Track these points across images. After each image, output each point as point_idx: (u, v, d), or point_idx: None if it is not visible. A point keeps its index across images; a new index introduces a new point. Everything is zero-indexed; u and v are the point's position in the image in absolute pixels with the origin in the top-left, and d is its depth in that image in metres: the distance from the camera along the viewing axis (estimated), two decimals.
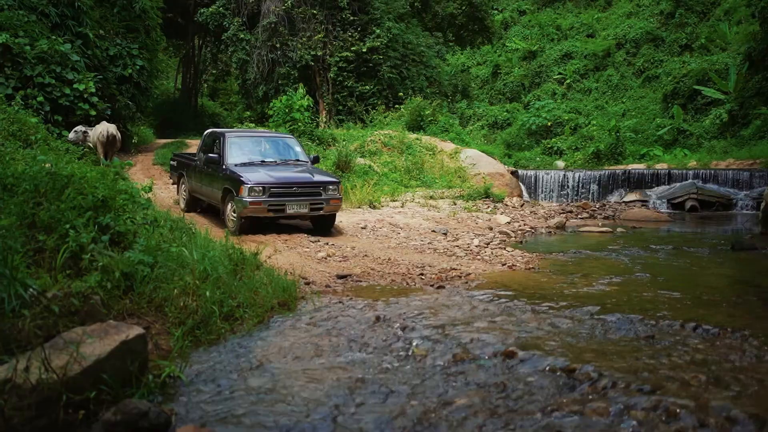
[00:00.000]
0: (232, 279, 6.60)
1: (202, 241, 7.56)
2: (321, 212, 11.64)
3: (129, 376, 4.26)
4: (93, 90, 18.13)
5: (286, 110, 19.27)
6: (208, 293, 5.92)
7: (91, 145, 14.95)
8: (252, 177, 11.24)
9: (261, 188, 11.03)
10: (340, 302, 6.83)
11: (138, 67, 21.50)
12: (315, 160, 13.17)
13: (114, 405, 3.93)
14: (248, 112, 30.38)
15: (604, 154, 23.37)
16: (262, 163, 12.32)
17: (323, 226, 12.14)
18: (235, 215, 11.33)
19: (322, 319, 6.18)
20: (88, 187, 6.44)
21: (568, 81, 31.89)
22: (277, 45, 28.33)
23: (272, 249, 9.33)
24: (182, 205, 14.16)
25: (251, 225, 11.33)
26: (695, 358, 4.89)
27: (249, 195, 10.96)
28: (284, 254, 9.42)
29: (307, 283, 7.71)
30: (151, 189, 8.73)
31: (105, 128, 15.24)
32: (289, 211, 11.33)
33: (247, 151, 12.62)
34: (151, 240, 6.52)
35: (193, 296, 5.86)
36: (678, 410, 3.85)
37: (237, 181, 11.21)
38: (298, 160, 12.94)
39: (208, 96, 47.38)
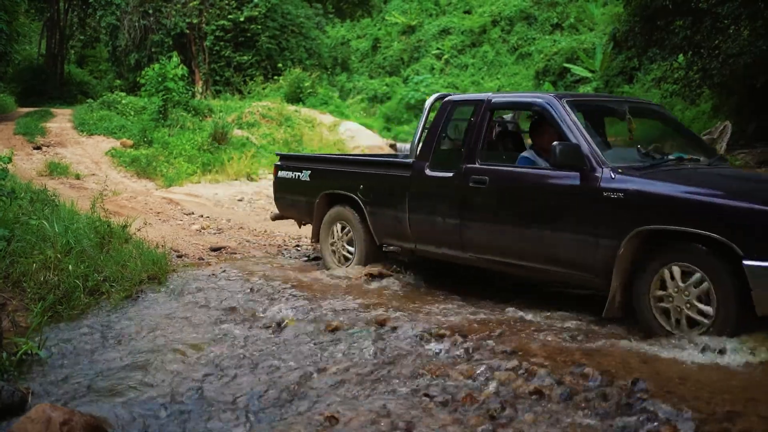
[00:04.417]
0: (98, 252, 6.33)
1: (66, 213, 7.20)
2: None
3: None
4: None
5: (159, 79, 18.50)
6: (71, 267, 5.67)
7: None
8: None
9: None
10: (213, 275, 6.70)
11: None
12: None
13: None
14: (119, 81, 29.02)
15: None
16: (683, 164, 5.27)
17: None
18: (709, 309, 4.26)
19: (193, 291, 6.05)
20: None
21: (445, 56, 32.41)
22: (150, 11, 27.13)
23: (143, 221, 9.02)
24: (338, 270, 6.78)
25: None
26: (556, 322, 5.14)
27: None
28: (156, 227, 9.14)
29: (180, 256, 7.51)
30: (10, 160, 8.21)
31: None
32: None
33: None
34: (8, 213, 6.18)
35: (54, 271, 5.61)
36: (537, 369, 4.04)
37: None
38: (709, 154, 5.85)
39: (76, 63, 44.74)
